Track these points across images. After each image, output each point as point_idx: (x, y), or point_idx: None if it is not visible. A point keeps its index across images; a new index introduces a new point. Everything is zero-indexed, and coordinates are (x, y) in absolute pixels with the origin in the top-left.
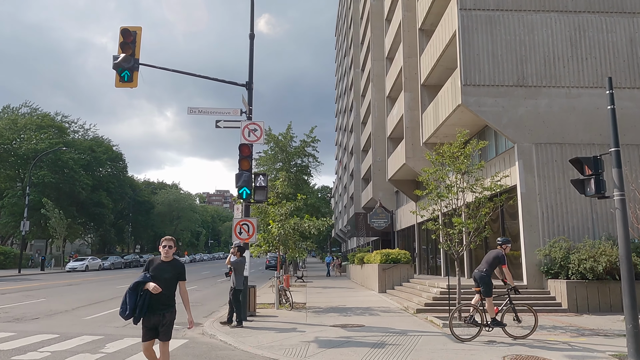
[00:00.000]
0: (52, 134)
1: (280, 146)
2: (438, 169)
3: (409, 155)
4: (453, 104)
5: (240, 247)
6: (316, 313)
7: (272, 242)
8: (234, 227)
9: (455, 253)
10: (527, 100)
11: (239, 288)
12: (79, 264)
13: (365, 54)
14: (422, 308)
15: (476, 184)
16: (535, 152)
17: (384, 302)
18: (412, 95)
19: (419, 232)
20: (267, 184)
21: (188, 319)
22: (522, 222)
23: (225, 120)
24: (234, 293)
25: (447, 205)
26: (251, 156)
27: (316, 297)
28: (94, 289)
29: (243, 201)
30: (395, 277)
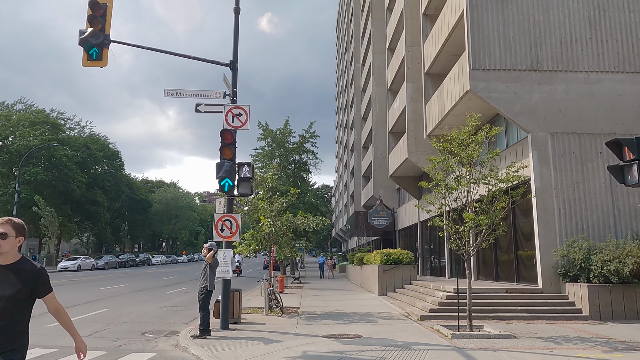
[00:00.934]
0: (46, 131)
1: (277, 142)
2: (446, 157)
3: (412, 150)
4: (460, 90)
5: (210, 249)
6: (309, 320)
7: (263, 240)
8: (215, 224)
9: (465, 253)
10: (541, 86)
11: (211, 289)
12: (71, 263)
13: (366, 48)
14: (427, 314)
15: (490, 175)
16: (551, 143)
17: (384, 307)
18: (415, 86)
19: (421, 231)
20: (252, 175)
21: (76, 349)
22: (537, 219)
23: (207, 104)
24: (205, 295)
25: (456, 200)
26: (234, 144)
27: (312, 300)
28: (75, 291)
29: (225, 194)
30: (397, 279)
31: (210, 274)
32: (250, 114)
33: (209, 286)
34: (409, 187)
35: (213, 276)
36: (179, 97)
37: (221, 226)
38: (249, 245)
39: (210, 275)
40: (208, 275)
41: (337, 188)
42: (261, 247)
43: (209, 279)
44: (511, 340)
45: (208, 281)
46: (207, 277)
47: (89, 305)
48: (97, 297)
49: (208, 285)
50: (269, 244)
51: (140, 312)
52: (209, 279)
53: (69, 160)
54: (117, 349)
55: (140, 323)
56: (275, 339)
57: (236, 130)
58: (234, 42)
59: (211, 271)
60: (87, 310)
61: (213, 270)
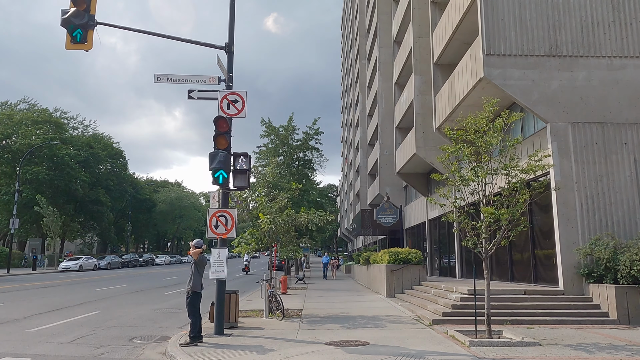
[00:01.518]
0: (49, 130)
1: (281, 139)
2: (461, 146)
3: (420, 145)
4: (473, 78)
5: (197, 246)
6: (311, 324)
7: (262, 239)
8: (209, 220)
9: (482, 252)
10: (561, 73)
11: (196, 290)
12: (72, 263)
13: (372, 42)
14: (440, 318)
15: (511, 165)
16: (572, 133)
17: (392, 310)
18: (423, 78)
19: (430, 229)
20: (249, 167)
21: None
22: (557, 215)
23: (200, 90)
24: (192, 298)
25: (472, 192)
26: (230, 132)
27: (315, 302)
28: (68, 292)
29: (219, 187)
30: (405, 280)
31: (195, 274)
32: (249, 103)
33: (194, 287)
34: (416, 184)
35: (199, 276)
36: (170, 82)
37: (215, 222)
38: (248, 244)
39: (196, 275)
40: (193, 275)
41: (342, 187)
42: (261, 246)
43: (194, 280)
44: (537, 348)
45: (192, 282)
46: (192, 277)
47: (80, 307)
48: (91, 298)
49: (192, 286)
50: (270, 242)
51: (133, 315)
52: (194, 280)
53: (71, 159)
54: (98, 358)
55: (130, 327)
56: (272, 347)
57: (231, 118)
58: (230, 23)
59: (197, 270)
60: (76, 313)
61: (200, 270)
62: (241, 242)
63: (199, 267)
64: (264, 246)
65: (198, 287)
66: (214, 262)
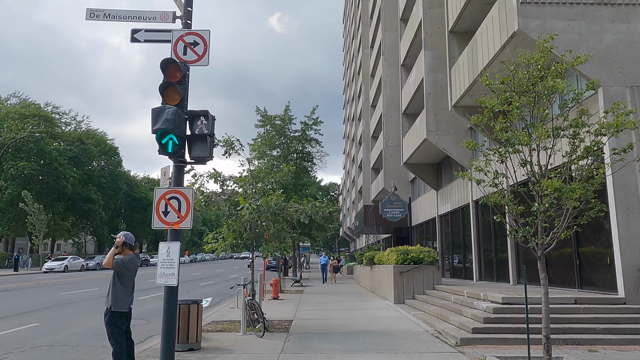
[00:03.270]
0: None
1: (277, 130)
2: (508, 97)
3: (431, 129)
4: (503, 35)
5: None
6: (300, 342)
7: (242, 232)
8: (156, 204)
9: (537, 247)
10: (615, 25)
11: (117, 310)
12: (57, 264)
13: (375, 27)
14: (470, 337)
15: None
16: (631, 99)
17: (404, 321)
18: (435, 53)
19: (440, 226)
20: (212, 132)
21: None
22: (615, 202)
23: (148, 31)
24: (109, 318)
25: (524, 163)
26: (185, 84)
27: (310, 309)
28: (24, 297)
29: (170, 158)
30: (417, 283)
31: (117, 286)
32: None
33: (113, 305)
34: (425, 175)
35: (123, 288)
36: (107, 20)
37: (165, 207)
38: (224, 240)
39: (115, 287)
40: (111, 286)
41: (344, 185)
42: (240, 242)
43: (113, 293)
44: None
45: (111, 296)
46: (110, 289)
47: (19, 317)
48: (45, 305)
49: (111, 303)
50: (252, 237)
51: (79, 328)
52: (113, 293)
53: (59, 154)
54: None
55: (61, 347)
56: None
57: (188, 65)
58: None
59: (120, 280)
60: (8, 326)
61: (123, 279)
62: (217, 237)
63: (120, 277)
64: (244, 242)
65: (121, 305)
66: (162, 262)
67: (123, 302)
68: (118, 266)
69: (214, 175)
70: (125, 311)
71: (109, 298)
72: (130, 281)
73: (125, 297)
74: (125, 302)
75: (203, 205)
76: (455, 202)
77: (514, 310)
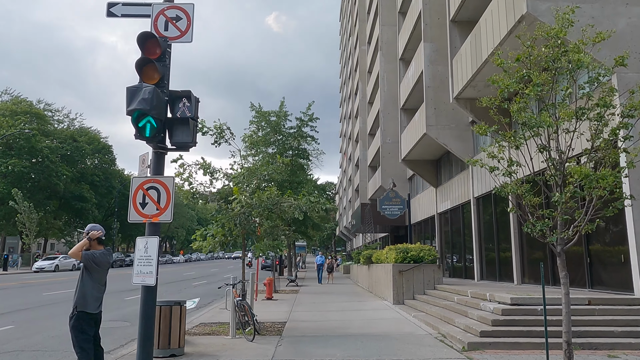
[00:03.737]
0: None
1: (272, 126)
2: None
3: (431, 123)
4: (510, 19)
5: (101, 238)
6: (293, 347)
7: (232, 228)
8: (133, 195)
9: (557, 242)
10: (630, 8)
11: (83, 310)
12: (47, 263)
13: (372, 22)
14: (478, 341)
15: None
16: None
17: (405, 323)
18: (435, 45)
19: (440, 224)
20: (196, 115)
21: None
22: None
23: (126, 4)
24: (75, 321)
25: (542, 148)
26: (164, 61)
27: (305, 310)
28: (14, 296)
29: (148, 144)
30: (417, 283)
31: (86, 282)
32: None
33: (79, 304)
34: (424, 172)
35: (92, 285)
36: None
37: (142, 198)
38: (213, 237)
39: (83, 283)
40: (78, 284)
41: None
42: (230, 238)
43: (80, 291)
44: None
45: (77, 295)
46: (77, 287)
47: None
48: (23, 306)
49: (77, 302)
50: (242, 233)
51: (57, 332)
52: (80, 291)
53: (51, 152)
54: None
55: (33, 353)
56: None
57: (170, 42)
58: None
59: (89, 276)
60: None
61: (93, 275)
62: (206, 235)
63: (90, 272)
64: (234, 239)
65: (88, 304)
66: (140, 259)
67: (91, 301)
68: (87, 259)
69: (203, 166)
70: (93, 313)
71: (79, 296)
72: (100, 278)
73: (94, 296)
74: (93, 301)
75: (190, 198)
76: (455, 199)
77: (524, 312)
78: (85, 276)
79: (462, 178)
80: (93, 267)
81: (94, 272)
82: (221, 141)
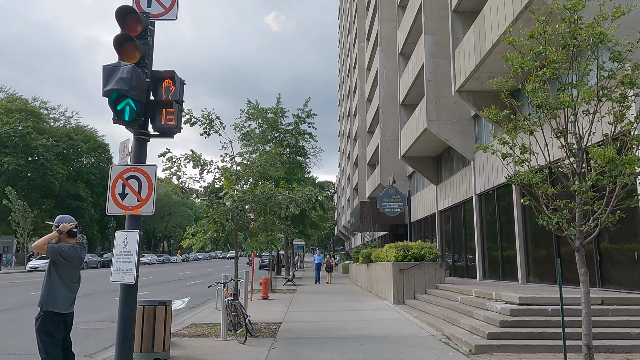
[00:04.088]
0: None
1: (269, 123)
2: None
3: (432, 118)
4: (516, 5)
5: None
6: (289, 349)
7: (224, 223)
8: (112, 185)
9: (576, 236)
10: None
11: (50, 309)
12: (42, 262)
13: (372, 18)
14: (486, 344)
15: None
16: None
17: (407, 324)
18: (436, 38)
19: (440, 222)
20: (180, 98)
21: None
22: None
23: None
24: (41, 323)
25: (560, 132)
26: (146, 39)
27: (302, 310)
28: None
29: (128, 129)
30: (418, 282)
31: (48, 277)
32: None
33: (45, 303)
34: (424, 169)
35: (60, 281)
36: None
37: (122, 188)
38: (204, 234)
39: (50, 279)
40: (45, 281)
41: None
42: (222, 234)
43: (46, 288)
44: None
45: (43, 292)
46: (43, 284)
47: None
48: (7, 306)
49: (43, 301)
50: (235, 229)
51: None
52: (46, 288)
53: (46, 150)
54: None
55: (7, 357)
56: None
57: (153, 20)
58: None
59: (56, 271)
60: None
61: (61, 271)
62: (197, 231)
63: (58, 267)
64: (226, 235)
65: (55, 303)
66: (119, 255)
67: (60, 300)
68: (54, 253)
69: (192, 158)
70: (61, 312)
71: (42, 293)
72: (71, 275)
73: (63, 294)
74: (63, 301)
75: (179, 192)
76: (456, 196)
77: (533, 312)
78: (52, 272)
79: (463, 175)
80: (61, 261)
81: (63, 267)
82: (211, 132)
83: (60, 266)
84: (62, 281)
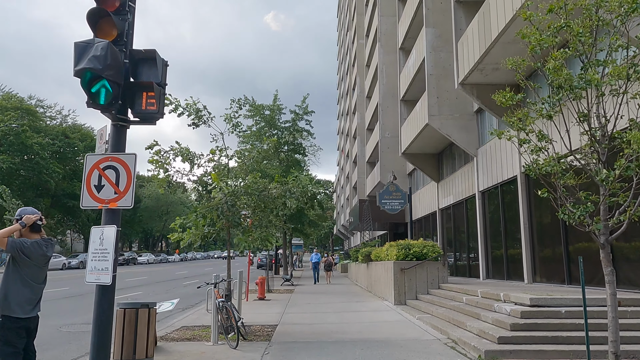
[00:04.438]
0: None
1: (267, 121)
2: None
3: (433, 113)
4: None
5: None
6: (284, 355)
7: (214, 218)
8: (87, 176)
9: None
10: None
11: (7, 315)
12: None
13: (371, 14)
14: (496, 349)
15: None
16: None
17: (409, 327)
18: (437, 31)
19: (442, 221)
20: (163, 80)
21: None
22: None
23: None
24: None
25: (583, 117)
26: (124, 15)
27: (299, 311)
28: None
29: (104, 113)
30: (420, 282)
31: (6, 276)
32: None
33: (3, 307)
34: (425, 166)
35: (20, 281)
36: None
37: (98, 179)
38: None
39: (7, 279)
40: (3, 280)
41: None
42: (213, 230)
43: (1, 289)
44: None
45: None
46: (1, 284)
47: None
48: None
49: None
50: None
51: None
52: (1, 289)
53: (42, 148)
54: None
55: None
56: None
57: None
58: None
59: (17, 269)
60: None
61: (21, 269)
62: (186, 225)
63: (19, 264)
64: (217, 231)
65: (13, 306)
66: (94, 253)
67: (20, 303)
68: (13, 248)
69: (181, 152)
70: (22, 318)
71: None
72: (34, 274)
73: (24, 296)
74: (23, 304)
75: (166, 187)
76: (458, 194)
77: (546, 315)
78: (12, 270)
79: (466, 171)
80: (22, 259)
81: (24, 265)
82: (200, 123)
83: (21, 264)
84: (24, 281)
